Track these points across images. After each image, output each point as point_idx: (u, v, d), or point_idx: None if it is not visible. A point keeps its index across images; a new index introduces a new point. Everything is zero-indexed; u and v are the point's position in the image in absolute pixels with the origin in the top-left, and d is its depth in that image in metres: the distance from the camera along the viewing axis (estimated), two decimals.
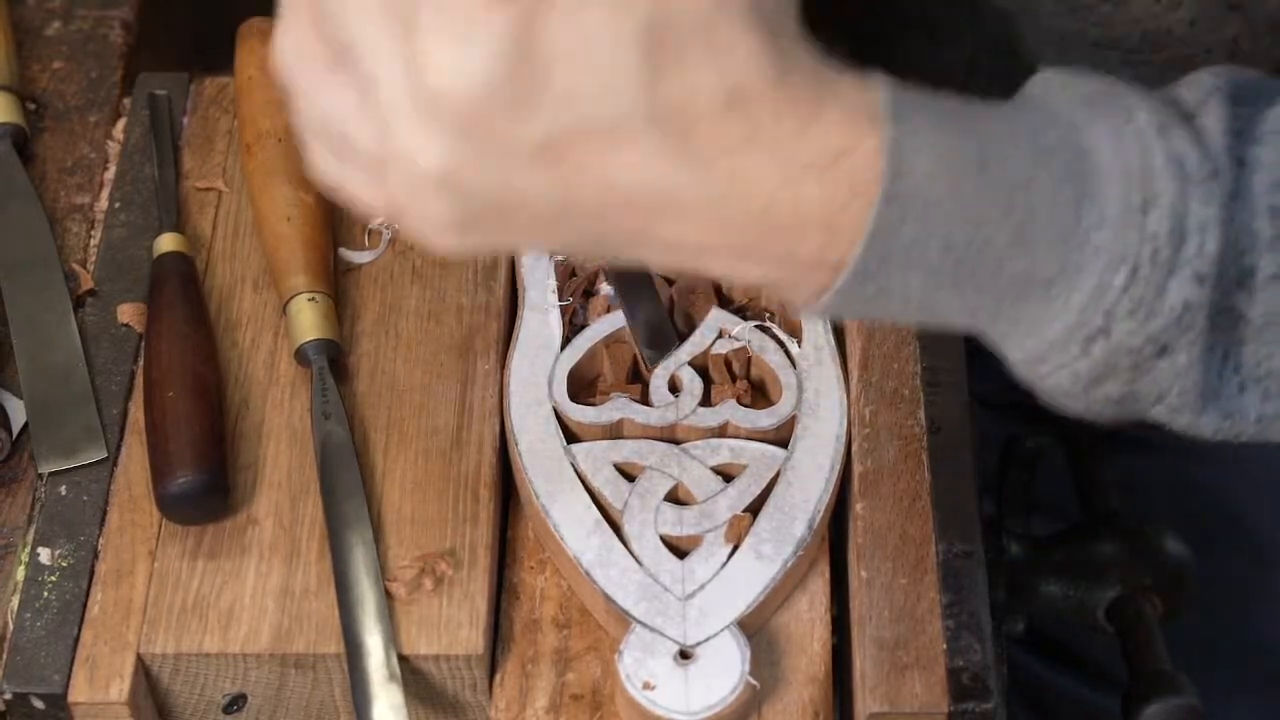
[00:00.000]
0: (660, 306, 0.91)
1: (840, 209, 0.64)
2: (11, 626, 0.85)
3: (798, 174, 0.64)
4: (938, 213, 0.65)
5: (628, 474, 0.88)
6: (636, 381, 0.91)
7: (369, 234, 0.97)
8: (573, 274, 0.94)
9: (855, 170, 0.64)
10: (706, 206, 0.65)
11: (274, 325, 0.94)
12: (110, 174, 1.00)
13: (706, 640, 0.83)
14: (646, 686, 0.82)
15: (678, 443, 0.89)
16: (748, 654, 0.83)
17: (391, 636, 0.84)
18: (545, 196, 0.65)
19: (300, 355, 0.91)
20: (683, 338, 0.92)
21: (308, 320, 0.91)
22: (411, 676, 0.85)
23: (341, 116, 0.66)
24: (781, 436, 0.89)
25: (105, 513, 0.88)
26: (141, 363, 0.92)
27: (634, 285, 0.90)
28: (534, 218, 0.66)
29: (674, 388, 0.90)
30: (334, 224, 0.96)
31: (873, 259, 0.65)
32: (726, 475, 0.88)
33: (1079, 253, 0.66)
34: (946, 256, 0.65)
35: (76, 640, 0.84)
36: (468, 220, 0.66)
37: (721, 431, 0.89)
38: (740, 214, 0.65)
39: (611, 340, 0.92)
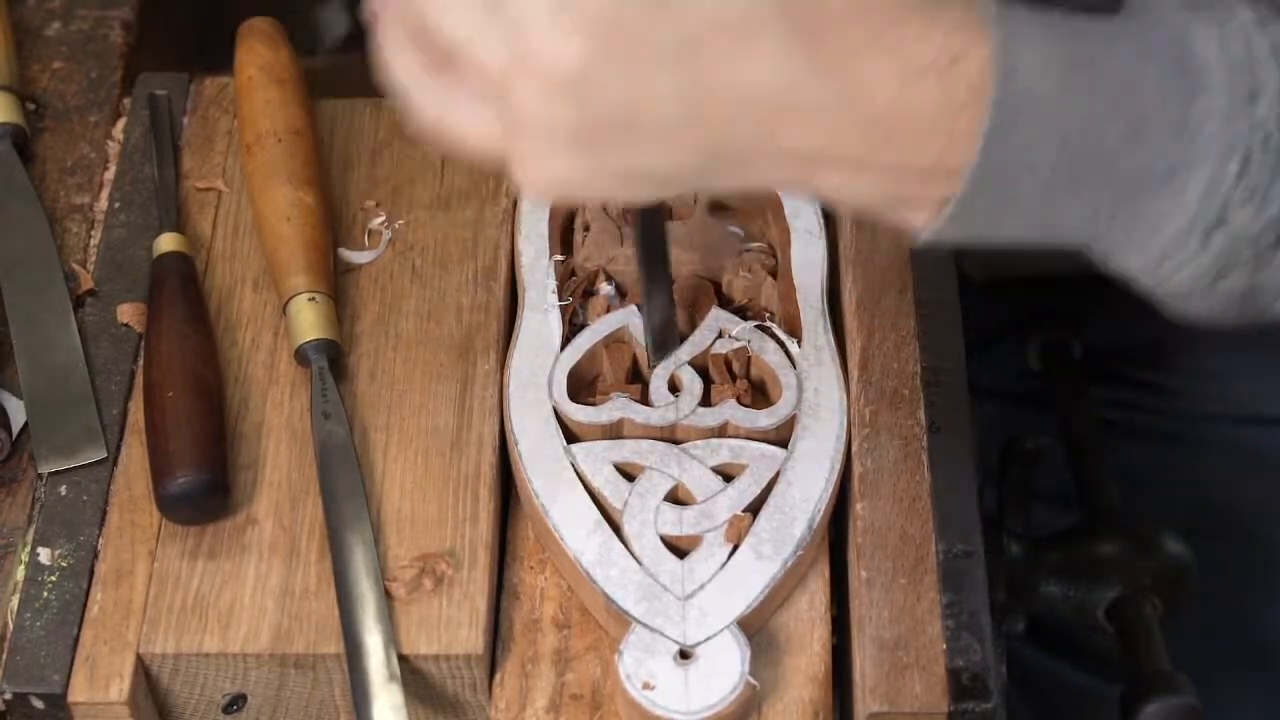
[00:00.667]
0: (674, 307, 0.91)
1: (957, 111, 0.66)
2: (11, 626, 0.85)
3: (917, 77, 0.65)
4: (1050, 111, 0.66)
5: (628, 474, 0.88)
6: (636, 381, 0.91)
7: (369, 234, 0.97)
8: (572, 274, 0.94)
9: (970, 73, 0.66)
10: (830, 109, 0.66)
11: (274, 325, 0.94)
12: (110, 174, 1.00)
13: (706, 640, 0.83)
14: (646, 686, 0.82)
15: (678, 442, 0.89)
16: (747, 654, 0.83)
17: (391, 636, 0.84)
18: (673, 100, 0.65)
19: (300, 355, 0.91)
20: (683, 338, 0.92)
21: (307, 320, 0.91)
22: (411, 676, 0.85)
23: (466, 34, 0.66)
24: (781, 436, 0.89)
25: (105, 513, 0.88)
26: (141, 363, 0.92)
27: (656, 281, 0.89)
28: (658, 129, 0.66)
29: (674, 388, 0.90)
30: (334, 224, 0.96)
31: (990, 163, 0.66)
32: (726, 475, 0.88)
33: (1191, 145, 0.67)
34: (1062, 155, 0.67)
35: (76, 640, 0.84)
36: (591, 134, 0.66)
37: (721, 431, 0.89)
38: (862, 117, 0.66)
39: (611, 340, 0.92)
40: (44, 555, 0.87)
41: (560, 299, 0.93)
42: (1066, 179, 0.68)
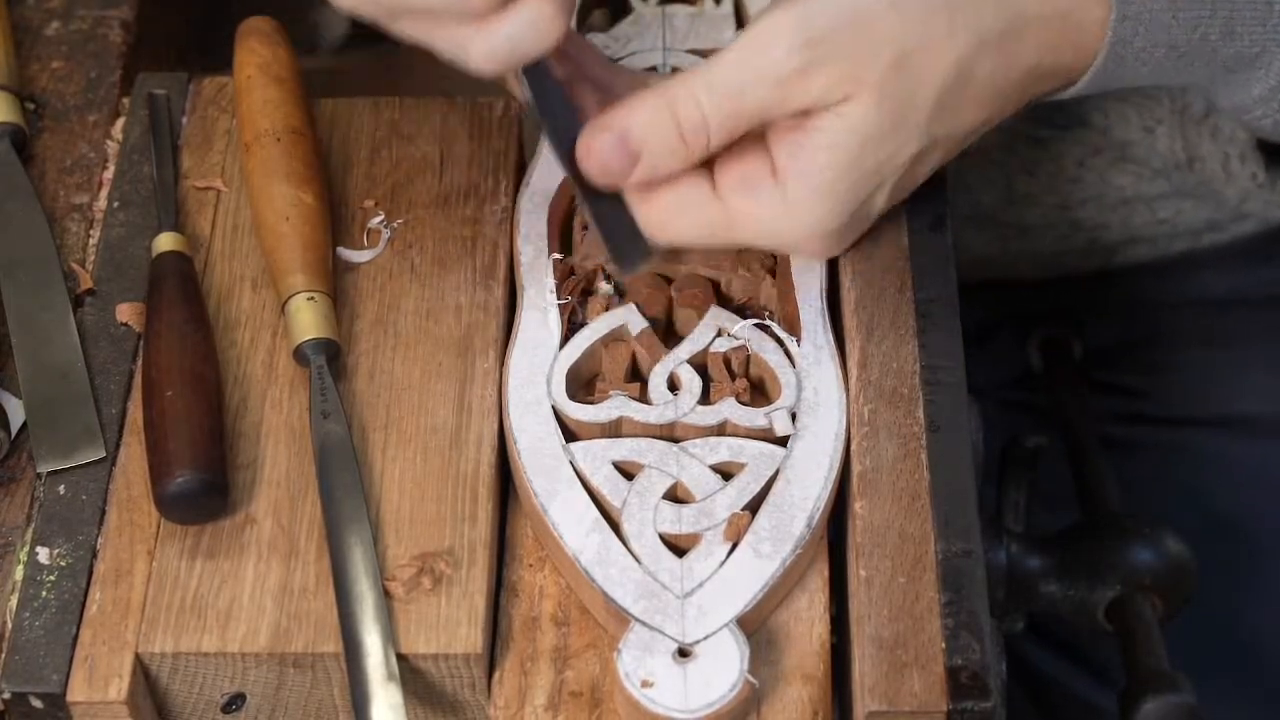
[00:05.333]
0: (627, 211, 0.89)
1: (1086, 28, 0.86)
2: (10, 626, 0.85)
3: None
4: (1161, 23, 0.86)
5: (626, 472, 0.88)
6: (635, 380, 0.91)
7: (368, 233, 0.97)
8: (571, 273, 0.94)
9: (1082, 20, 0.86)
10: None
11: (272, 324, 0.94)
12: (109, 174, 1.00)
13: (705, 638, 0.83)
14: (645, 685, 0.82)
15: (677, 441, 0.89)
16: (746, 652, 0.83)
17: (390, 635, 0.84)
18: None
19: (299, 354, 0.91)
20: (680, 336, 0.92)
21: (306, 319, 0.91)
22: (410, 675, 0.84)
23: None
24: (781, 435, 0.89)
25: (104, 512, 0.88)
26: (140, 362, 0.92)
27: (595, 192, 0.88)
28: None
29: (673, 386, 0.90)
30: (332, 223, 0.96)
31: (1111, 63, 0.87)
32: (725, 473, 0.88)
33: (1275, 32, 0.87)
34: (1170, 54, 0.87)
35: (75, 640, 0.84)
36: (850, 224, 0.90)
37: (720, 430, 0.89)
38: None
39: (610, 339, 0.92)
40: (43, 555, 0.87)
41: (559, 298, 0.93)
42: (1173, 69, 0.88)
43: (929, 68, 0.85)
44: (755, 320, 0.92)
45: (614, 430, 0.89)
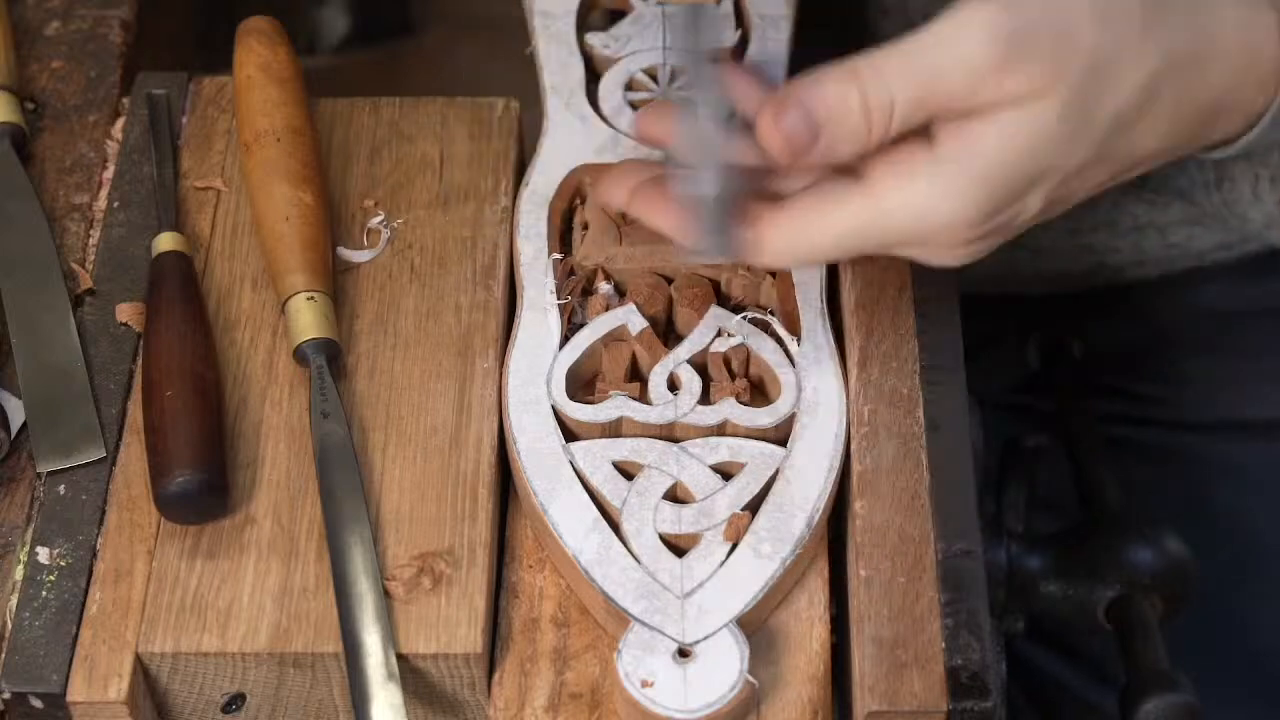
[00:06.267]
0: (730, 209, 0.85)
1: (1244, 84, 0.85)
2: (10, 626, 0.85)
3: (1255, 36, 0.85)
4: None
5: (626, 472, 0.88)
6: (635, 380, 0.91)
7: (368, 233, 0.97)
8: (571, 272, 0.94)
9: (1265, 61, 0.85)
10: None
11: (272, 324, 0.94)
12: (109, 173, 1.00)
13: (705, 639, 0.83)
14: (645, 685, 0.82)
15: (676, 441, 0.89)
16: (746, 652, 0.83)
17: (390, 635, 0.84)
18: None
19: (299, 354, 0.91)
20: (680, 336, 0.92)
21: (306, 319, 0.91)
22: (410, 675, 0.85)
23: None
24: (780, 435, 0.89)
25: (104, 512, 0.88)
26: (140, 362, 0.92)
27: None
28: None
29: (673, 386, 0.90)
30: (332, 223, 0.96)
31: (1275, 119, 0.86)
32: (725, 473, 0.88)
33: None
34: None
35: (75, 639, 0.84)
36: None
37: (720, 430, 0.89)
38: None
39: (610, 339, 0.92)
40: (43, 554, 0.87)
41: (559, 297, 0.93)
42: None
43: (1118, 81, 0.82)
44: (753, 315, 0.92)
45: (614, 430, 0.89)
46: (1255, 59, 0.84)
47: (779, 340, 0.91)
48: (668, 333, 0.93)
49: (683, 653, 0.83)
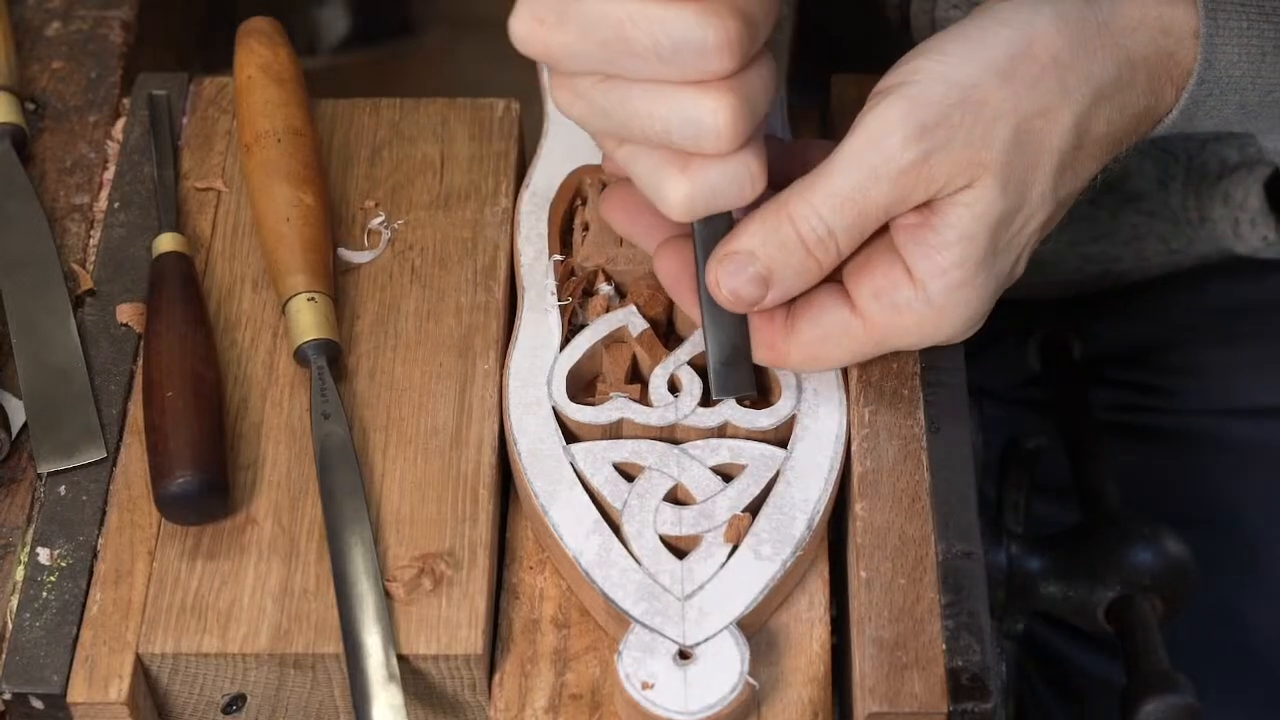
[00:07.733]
0: (745, 338, 0.87)
1: (1165, 86, 0.85)
2: (11, 626, 0.85)
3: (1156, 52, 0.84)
4: (1236, 87, 0.85)
5: (627, 474, 0.88)
6: (636, 381, 0.91)
7: (368, 234, 0.97)
8: (572, 274, 0.94)
9: (1180, 59, 0.84)
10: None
11: (273, 325, 0.94)
12: (109, 174, 1.00)
13: (706, 640, 0.83)
14: (645, 686, 0.82)
15: (677, 443, 0.89)
16: (747, 654, 0.83)
17: (391, 636, 0.84)
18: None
19: (299, 355, 0.91)
20: (680, 337, 0.92)
21: (307, 320, 0.91)
22: (411, 676, 0.85)
23: None
24: (781, 436, 0.89)
25: (104, 513, 0.88)
26: (140, 363, 0.92)
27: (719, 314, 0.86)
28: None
29: (673, 388, 0.90)
30: (333, 224, 0.96)
31: (1183, 120, 0.86)
32: (726, 475, 0.88)
33: None
34: (1240, 111, 0.86)
35: (75, 640, 0.84)
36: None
37: (721, 431, 0.89)
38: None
39: (611, 340, 0.92)
40: (43, 555, 0.87)
41: (560, 299, 0.93)
42: (1239, 122, 0.87)
43: (1048, 133, 0.82)
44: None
45: (614, 432, 0.89)
46: (1172, 61, 0.84)
47: None
48: (668, 334, 0.93)
49: (683, 654, 0.83)
